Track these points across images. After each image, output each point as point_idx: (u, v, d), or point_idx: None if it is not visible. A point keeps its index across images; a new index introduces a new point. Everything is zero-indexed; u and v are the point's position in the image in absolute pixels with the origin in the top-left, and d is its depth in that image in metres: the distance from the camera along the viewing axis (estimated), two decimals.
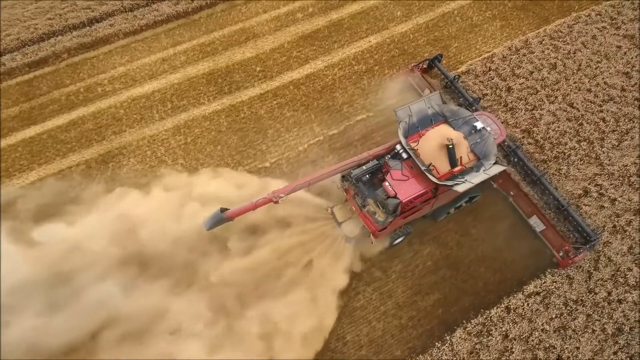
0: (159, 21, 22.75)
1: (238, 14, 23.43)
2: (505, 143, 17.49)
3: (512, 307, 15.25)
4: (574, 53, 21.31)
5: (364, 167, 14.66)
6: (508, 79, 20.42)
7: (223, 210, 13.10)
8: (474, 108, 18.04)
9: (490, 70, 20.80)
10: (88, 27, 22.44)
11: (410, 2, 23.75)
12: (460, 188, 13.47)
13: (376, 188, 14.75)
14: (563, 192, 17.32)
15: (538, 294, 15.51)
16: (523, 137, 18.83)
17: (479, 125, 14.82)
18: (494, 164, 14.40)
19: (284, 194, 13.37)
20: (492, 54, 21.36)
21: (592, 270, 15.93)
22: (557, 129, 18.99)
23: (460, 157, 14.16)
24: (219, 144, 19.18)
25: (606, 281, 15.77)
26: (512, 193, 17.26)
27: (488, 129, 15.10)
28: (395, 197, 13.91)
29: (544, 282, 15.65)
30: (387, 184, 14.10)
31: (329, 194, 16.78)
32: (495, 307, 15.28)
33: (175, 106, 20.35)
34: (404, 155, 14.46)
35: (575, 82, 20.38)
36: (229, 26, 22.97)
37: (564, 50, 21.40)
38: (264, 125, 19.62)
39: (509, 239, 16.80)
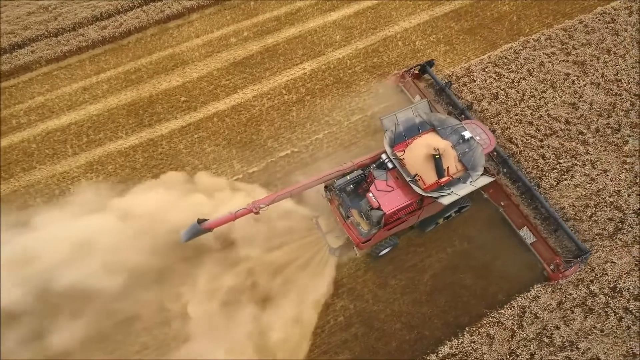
0: (83, 47, 21.61)
1: (169, 39, 22.28)
2: (495, 153, 16.68)
3: None
4: (518, 82, 19.99)
5: (348, 177, 14.26)
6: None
7: (200, 221, 12.61)
8: (463, 116, 17.43)
9: None
10: (8, 54, 21.35)
11: (351, 25, 22.52)
12: (446, 200, 13.02)
13: (361, 198, 14.34)
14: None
15: (454, 355, 14.25)
16: None
17: (467, 134, 14.38)
18: (482, 174, 13.74)
19: (264, 205, 13.03)
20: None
21: (515, 329, 14.65)
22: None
23: (448, 168, 13.64)
24: (131, 182, 18.01)
25: (530, 341, 14.47)
26: (502, 204, 16.51)
27: (477, 138, 14.61)
28: (379, 208, 13.38)
29: (461, 342, 14.39)
30: (370, 194, 13.67)
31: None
32: None
33: (91, 140, 19.21)
34: (389, 165, 14.02)
35: (516, 115, 19.07)
36: (158, 52, 21.82)
37: (507, 78, 20.08)
38: (182, 162, 18.44)
39: (429, 293, 15.59)
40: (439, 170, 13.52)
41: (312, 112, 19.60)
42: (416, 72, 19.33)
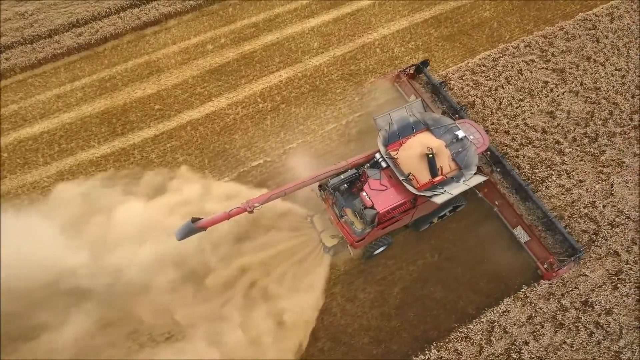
0: (59, 54, 21.41)
1: (145, 46, 22.07)
2: (488, 152, 16.60)
3: None
4: (496, 90, 19.75)
5: (342, 176, 14.24)
6: None
7: (194, 220, 12.50)
8: (457, 116, 17.36)
9: None
10: None
11: (330, 32, 22.30)
12: (439, 199, 13.10)
13: (354, 197, 14.39)
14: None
15: None
16: None
17: (460, 134, 14.51)
18: (475, 173, 13.99)
19: (259, 203, 13.02)
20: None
21: (483, 344, 14.43)
22: None
23: (441, 167, 13.80)
24: None
25: (498, 357, 14.25)
26: (497, 203, 16.48)
27: (470, 137, 14.70)
28: (372, 207, 13.52)
29: (428, 358, 14.17)
30: (364, 193, 13.74)
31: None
32: None
33: (63, 149, 19.02)
34: (383, 164, 14.11)
35: (492, 124, 18.84)
36: (133, 59, 21.60)
37: (484, 87, 19.85)
38: (152, 172, 18.21)
39: (399, 307, 15.38)
40: (433, 170, 13.63)
41: (286, 121, 19.39)
42: (411, 72, 19.40)
